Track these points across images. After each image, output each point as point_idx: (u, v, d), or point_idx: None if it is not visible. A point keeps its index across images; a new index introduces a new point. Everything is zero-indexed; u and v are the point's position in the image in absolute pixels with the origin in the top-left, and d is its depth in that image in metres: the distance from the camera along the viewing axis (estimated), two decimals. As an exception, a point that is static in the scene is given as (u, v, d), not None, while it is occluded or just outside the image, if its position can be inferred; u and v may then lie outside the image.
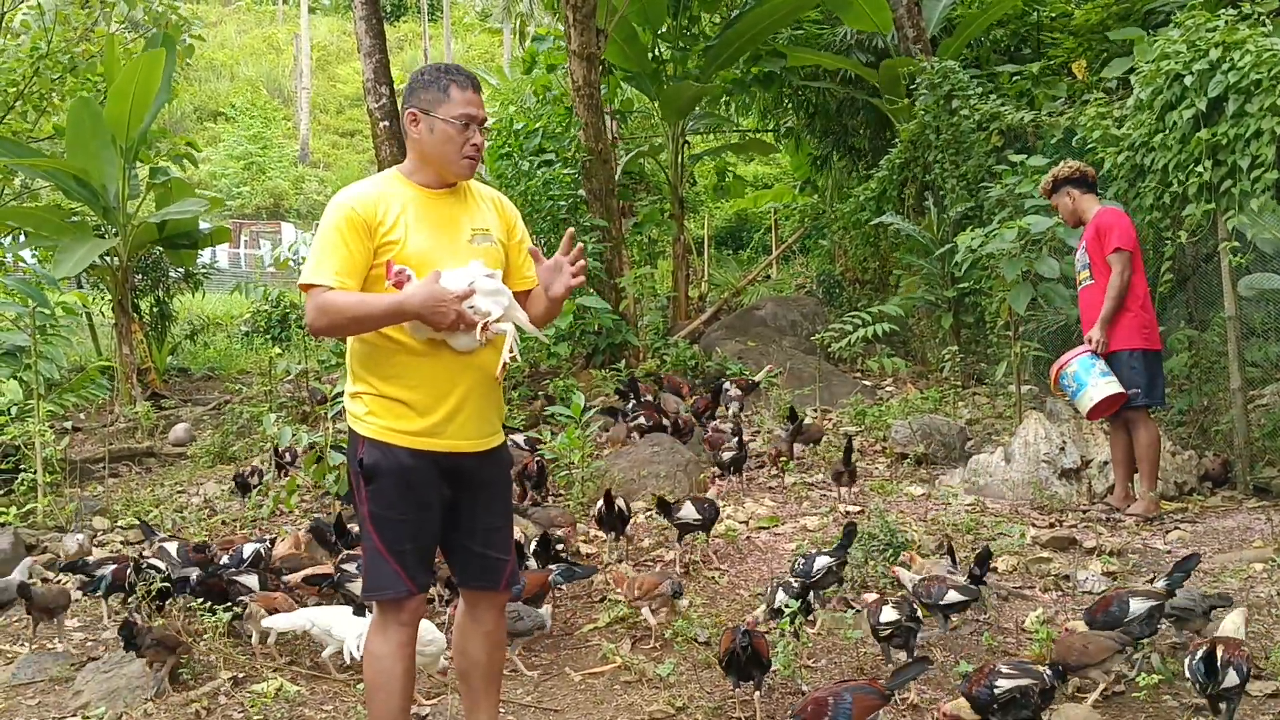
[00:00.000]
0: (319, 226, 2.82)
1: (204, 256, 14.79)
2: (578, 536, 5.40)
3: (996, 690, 3.04)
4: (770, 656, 3.46)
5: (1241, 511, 5.49)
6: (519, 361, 4.00)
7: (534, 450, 6.58)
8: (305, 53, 38.85)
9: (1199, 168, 5.81)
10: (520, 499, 5.96)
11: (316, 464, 6.18)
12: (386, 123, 10.39)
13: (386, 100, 10.45)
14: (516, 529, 4.31)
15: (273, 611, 4.13)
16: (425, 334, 2.73)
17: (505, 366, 2.83)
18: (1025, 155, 7.44)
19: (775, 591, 3.99)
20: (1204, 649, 3.09)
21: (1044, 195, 6.07)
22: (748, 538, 5.45)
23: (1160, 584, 3.73)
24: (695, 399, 8.05)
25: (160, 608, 4.53)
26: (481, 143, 2.85)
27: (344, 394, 2.94)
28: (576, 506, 5.95)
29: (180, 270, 13.30)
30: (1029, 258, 6.51)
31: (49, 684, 4.13)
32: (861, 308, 9.53)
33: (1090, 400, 5.50)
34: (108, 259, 10.89)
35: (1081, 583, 4.53)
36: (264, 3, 50.18)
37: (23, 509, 6.52)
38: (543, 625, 4.11)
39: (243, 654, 4.19)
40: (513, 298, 2.81)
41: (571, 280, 2.90)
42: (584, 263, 2.93)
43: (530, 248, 3.00)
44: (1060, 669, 3.25)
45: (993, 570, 4.76)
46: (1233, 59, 5.65)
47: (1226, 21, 5.88)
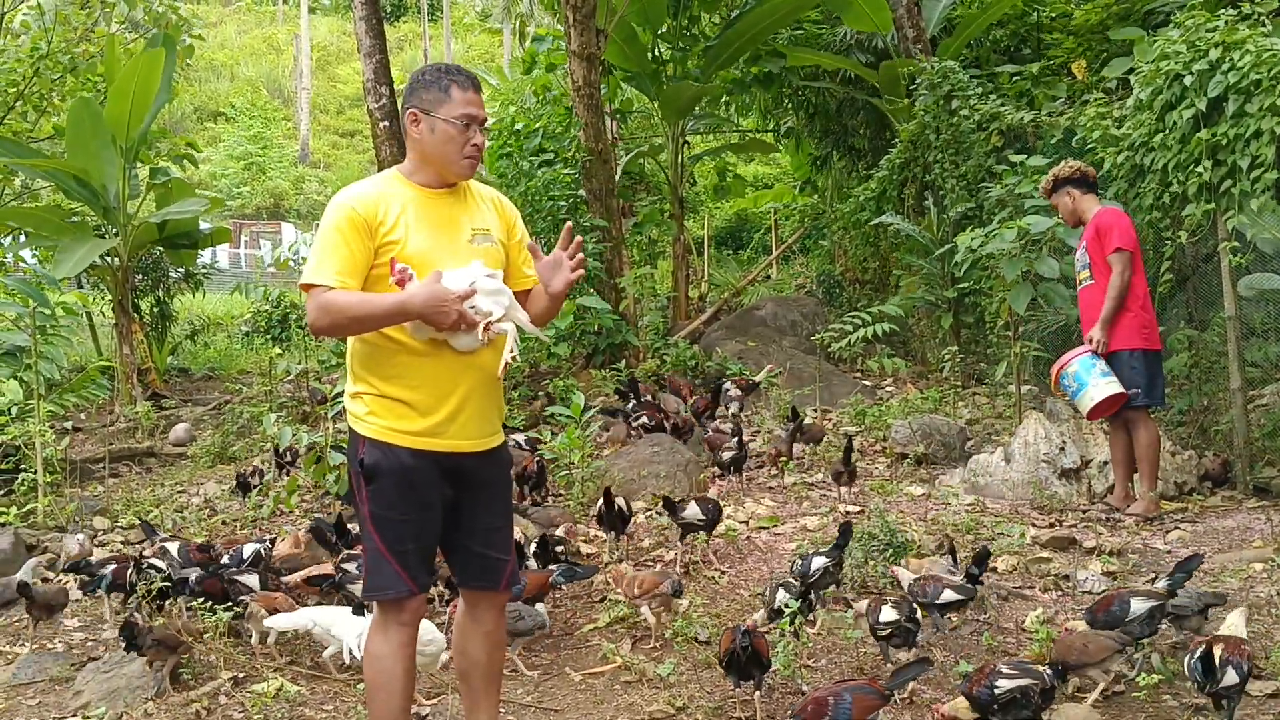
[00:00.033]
0: (319, 227, 2.82)
1: (204, 257, 14.78)
2: (578, 537, 5.40)
3: (997, 690, 3.05)
4: (770, 656, 3.46)
5: (1241, 511, 5.49)
6: (519, 361, 4.01)
7: (534, 450, 6.58)
8: (305, 53, 38.86)
9: (1199, 168, 5.82)
10: (519, 500, 5.96)
11: (316, 464, 6.19)
12: (386, 123, 10.41)
13: (386, 100, 10.46)
14: (516, 529, 4.31)
15: (273, 612, 4.13)
16: (426, 334, 2.73)
17: (507, 366, 2.83)
18: (1025, 155, 7.46)
19: (775, 591, 3.99)
20: (1202, 648, 3.09)
21: (1044, 195, 6.08)
22: (748, 538, 5.45)
23: (1161, 584, 3.73)
24: (695, 399, 8.05)
25: (160, 607, 4.53)
26: (482, 143, 2.85)
27: (344, 394, 2.94)
28: (576, 506, 5.95)
29: (180, 270, 13.30)
30: (1029, 258, 6.51)
31: (49, 684, 4.14)
32: (861, 308, 9.53)
33: (1091, 400, 5.51)
34: (108, 259, 10.89)
35: (1081, 583, 4.53)
36: (264, 3, 50.18)
37: (23, 509, 6.52)
38: (543, 625, 4.12)
39: (243, 654, 4.19)
40: (513, 298, 2.81)
41: (571, 275, 2.89)
42: (583, 257, 2.92)
43: (529, 243, 3.00)
44: (1060, 669, 3.25)
45: (992, 570, 4.77)
46: (1232, 59, 5.66)
47: (1226, 22, 5.88)
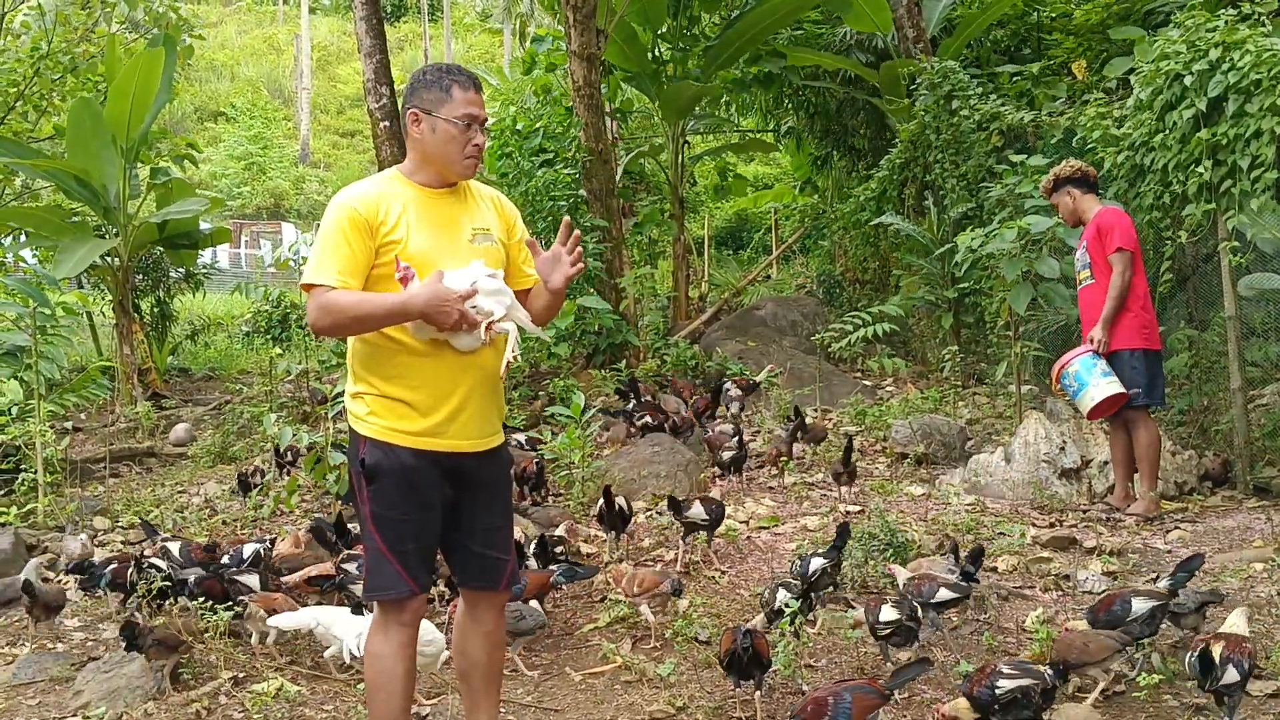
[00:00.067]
0: (320, 227, 2.82)
1: (204, 257, 14.78)
2: (578, 537, 5.40)
3: (998, 690, 3.04)
4: (770, 656, 3.46)
5: (1241, 511, 5.49)
6: (521, 361, 4.01)
7: (534, 449, 6.58)
8: (306, 53, 38.86)
9: (1199, 168, 5.82)
10: (519, 500, 5.96)
11: (316, 464, 6.19)
12: (387, 123, 10.41)
13: (387, 100, 10.46)
14: (516, 529, 4.31)
15: (272, 612, 4.13)
16: (428, 334, 2.73)
17: (509, 366, 2.83)
18: (1025, 155, 7.46)
19: (775, 592, 3.99)
20: (1201, 646, 3.09)
21: (1045, 194, 6.08)
22: (748, 538, 5.45)
23: (1163, 584, 3.73)
24: (695, 399, 8.05)
25: (160, 606, 4.53)
26: (483, 143, 2.85)
27: (345, 394, 2.94)
28: (576, 506, 5.95)
29: (181, 270, 13.30)
30: (1029, 258, 6.51)
31: (49, 684, 4.14)
32: (862, 308, 9.53)
33: (1091, 400, 5.51)
34: (108, 259, 10.90)
35: (1082, 582, 4.53)
36: (264, 3, 50.18)
37: (23, 509, 6.52)
38: (543, 624, 4.12)
39: (243, 654, 4.19)
40: (514, 297, 2.81)
41: (570, 270, 2.88)
42: (581, 251, 2.92)
43: (527, 239, 3.00)
44: (1062, 668, 3.25)
45: (993, 570, 4.77)
46: (1232, 59, 5.66)
47: (1226, 22, 5.88)
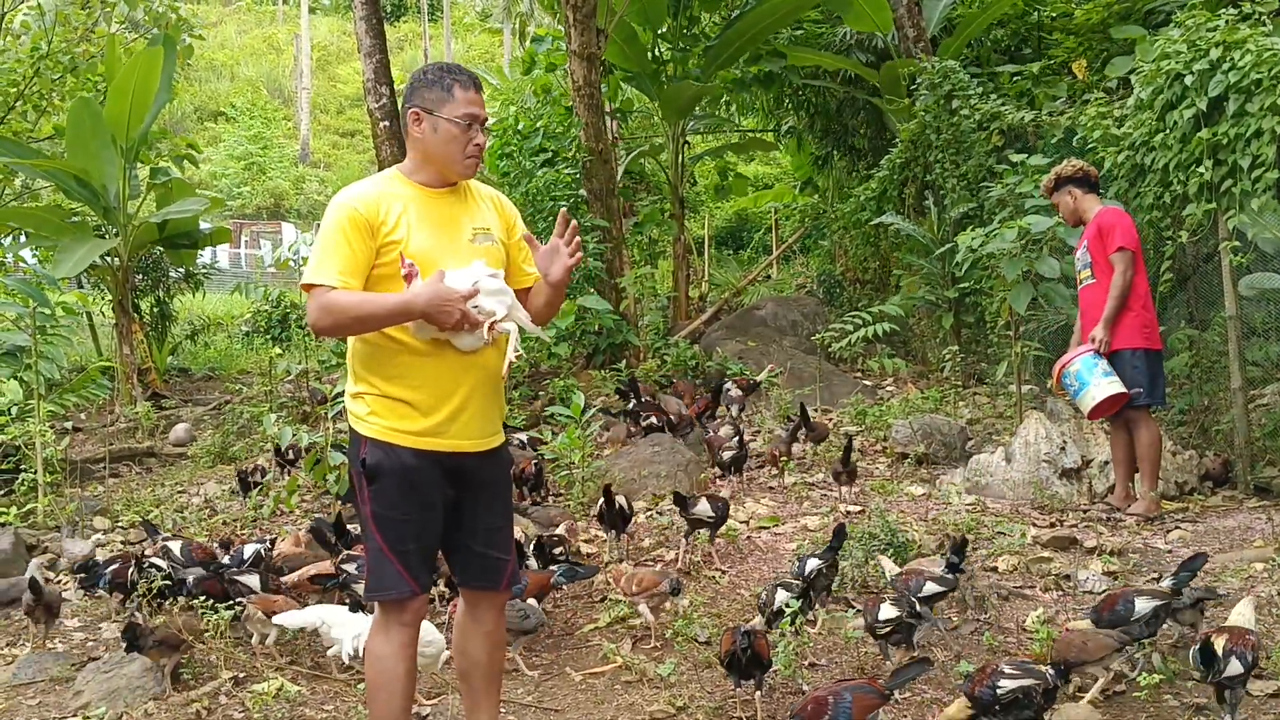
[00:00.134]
0: (321, 227, 2.82)
1: (204, 256, 14.78)
2: (579, 536, 5.40)
3: (999, 690, 3.04)
4: (771, 656, 3.46)
5: (1242, 511, 5.48)
6: (524, 359, 4.01)
7: (534, 450, 6.57)
8: (305, 53, 38.85)
9: (1199, 167, 5.81)
10: (518, 500, 5.96)
11: (316, 464, 6.18)
12: (387, 123, 10.40)
13: (387, 100, 10.46)
14: (516, 529, 4.31)
15: (271, 614, 4.13)
16: (429, 334, 2.73)
17: (510, 365, 2.83)
18: (1026, 155, 7.46)
19: (774, 592, 3.99)
20: (1203, 639, 3.10)
21: (1046, 193, 6.08)
22: (748, 537, 5.45)
23: (1166, 583, 3.73)
24: (696, 401, 8.04)
25: (160, 606, 4.53)
26: (484, 142, 2.85)
27: (345, 394, 2.94)
28: (577, 506, 5.95)
29: (180, 270, 13.30)
30: (1029, 257, 6.51)
31: (49, 684, 4.14)
32: (862, 308, 9.53)
33: (1092, 399, 5.50)
34: (108, 259, 10.89)
35: (1082, 582, 4.53)
36: (264, 3, 50.18)
37: (23, 509, 6.52)
38: (542, 623, 4.12)
39: (243, 653, 4.19)
40: (515, 297, 2.81)
41: (569, 261, 2.88)
42: (580, 241, 2.91)
43: (525, 234, 3.00)
44: (1063, 668, 3.24)
45: (993, 570, 4.77)
46: (1233, 59, 5.65)
47: (1227, 21, 5.87)
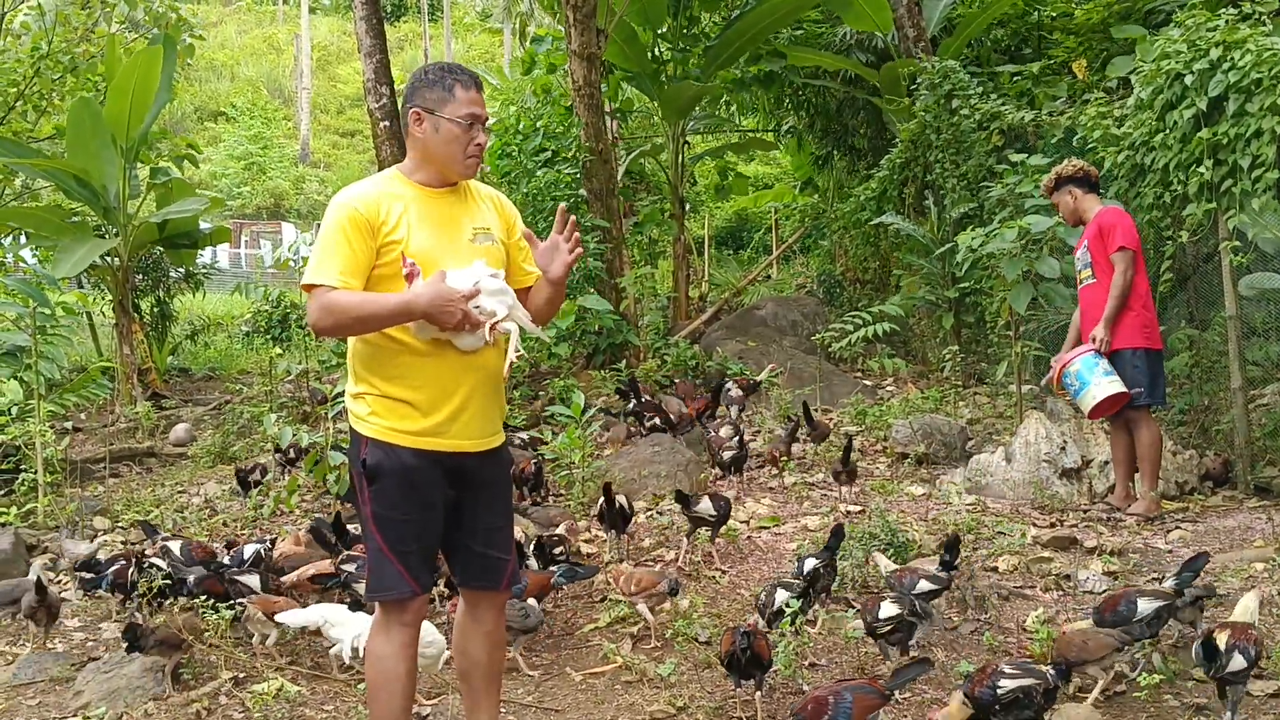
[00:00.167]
0: (321, 227, 2.82)
1: (204, 256, 14.77)
2: (579, 536, 5.40)
3: (1000, 690, 3.04)
4: (771, 656, 3.46)
5: (1242, 511, 5.48)
6: (524, 359, 4.01)
7: (534, 450, 6.57)
8: (305, 53, 38.85)
9: (1200, 167, 5.81)
10: (517, 500, 5.95)
11: (316, 464, 6.18)
12: (387, 123, 10.40)
13: (387, 100, 10.46)
14: (516, 529, 4.31)
15: (271, 614, 4.13)
16: (430, 334, 2.73)
17: (511, 365, 2.83)
18: (1026, 155, 7.46)
19: (773, 592, 3.99)
20: (1205, 634, 3.11)
21: (1046, 193, 6.07)
22: (748, 537, 5.45)
23: (1168, 584, 3.73)
24: (696, 402, 8.04)
25: (160, 605, 4.53)
26: (485, 142, 2.85)
27: (345, 394, 2.94)
28: (577, 506, 5.95)
29: (181, 270, 13.29)
30: (1029, 257, 6.51)
31: (49, 684, 4.14)
32: (862, 308, 9.53)
33: (1093, 399, 5.50)
34: (108, 259, 10.88)
35: (1082, 582, 4.53)
36: (264, 3, 50.17)
37: (23, 509, 6.51)
38: (541, 623, 4.12)
39: (244, 654, 4.19)
40: (515, 297, 2.81)
41: (569, 257, 2.89)
42: (579, 237, 2.92)
43: (525, 231, 3.00)
44: (1064, 668, 3.24)
45: (993, 570, 4.77)
46: (1233, 58, 5.65)
47: (1227, 21, 5.87)
